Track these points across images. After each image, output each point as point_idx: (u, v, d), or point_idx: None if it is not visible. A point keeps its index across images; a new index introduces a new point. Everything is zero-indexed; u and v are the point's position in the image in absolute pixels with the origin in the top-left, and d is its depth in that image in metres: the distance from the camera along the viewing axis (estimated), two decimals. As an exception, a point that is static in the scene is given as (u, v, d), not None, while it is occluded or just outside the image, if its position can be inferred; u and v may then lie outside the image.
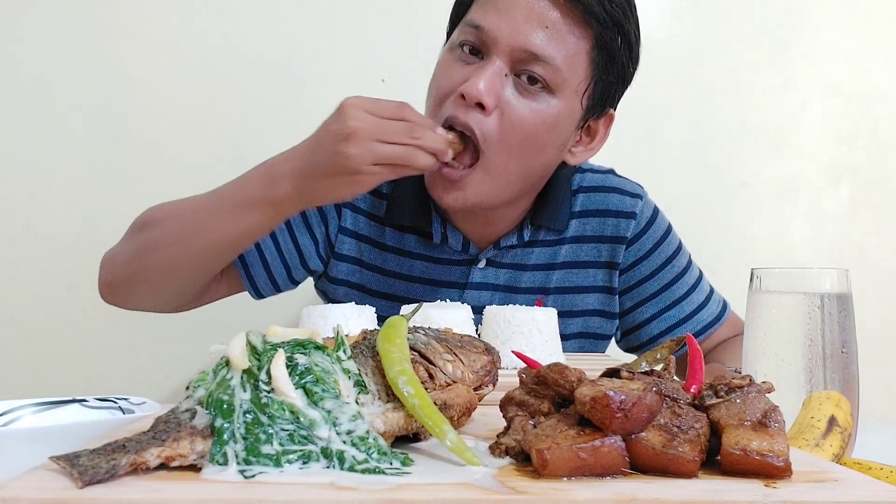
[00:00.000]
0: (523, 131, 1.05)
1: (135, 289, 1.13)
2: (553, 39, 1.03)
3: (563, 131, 1.10)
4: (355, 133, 0.95)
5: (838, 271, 0.78)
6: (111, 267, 1.15)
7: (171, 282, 1.11)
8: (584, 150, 1.16)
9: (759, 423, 0.48)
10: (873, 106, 1.89)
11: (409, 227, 1.21)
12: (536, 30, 1.03)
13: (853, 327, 0.78)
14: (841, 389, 0.75)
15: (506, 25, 1.03)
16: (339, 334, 0.55)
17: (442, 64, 1.10)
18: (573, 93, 1.07)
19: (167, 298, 1.15)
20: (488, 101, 1.02)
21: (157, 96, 1.77)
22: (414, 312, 0.66)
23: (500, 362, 0.66)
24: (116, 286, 1.15)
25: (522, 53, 1.03)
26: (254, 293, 1.21)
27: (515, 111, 1.04)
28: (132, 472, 0.44)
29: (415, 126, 0.98)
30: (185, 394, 0.52)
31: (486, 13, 1.05)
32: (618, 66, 1.09)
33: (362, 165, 0.96)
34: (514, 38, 1.03)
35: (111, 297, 1.17)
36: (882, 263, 1.88)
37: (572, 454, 0.44)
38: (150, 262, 1.09)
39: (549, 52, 1.03)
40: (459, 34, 1.08)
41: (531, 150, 1.08)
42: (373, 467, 0.46)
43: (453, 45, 1.09)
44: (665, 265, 1.26)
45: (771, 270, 0.79)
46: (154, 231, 1.10)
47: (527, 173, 1.11)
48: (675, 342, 0.64)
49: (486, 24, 1.04)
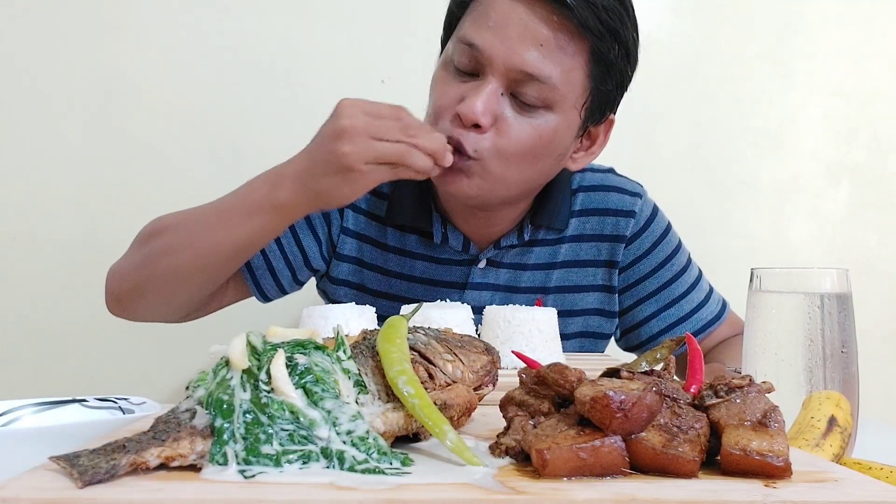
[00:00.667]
0: (521, 147, 1.05)
1: (143, 299, 1.13)
2: (548, 58, 1.02)
3: (561, 143, 1.09)
4: (349, 130, 0.95)
5: (838, 271, 0.78)
6: (118, 280, 1.15)
7: (179, 290, 1.11)
8: (584, 156, 1.16)
9: (759, 423, 0.48)
10: (873, 106, 1.89)
11: (409, 227, 1.22)
12: (531, 49, 1.01)
13: (853, 327, 0.78)
14: (841, 389, 0.75)
15: (500, 44, 1.01)
16: (338, 334, 0.55)
17: (438, 79, 1.09)
18: (571, 107, 1.06)
19: (175, 308, 1.15)
20: (484, 121, 1.02)
21: (157, 97, 1.77)
22: (414, 312, 0.66)
23: (499, 362, 0.66)
24: (124, 298, 1.15)
25: (518, 74, 1.02)
26: (260, 297, 1.22)
27: (512, 129, 1.04)
28: (132, 472, 0.44)
29: (409, 125, 0.98)
30: (185, 394, 0.52)
31: (479, 30, 1.04)
32: (616, 73, 1.07)
33: (357, 163, 0.96)
34: (510, 58, 1.01)
35: (119, 310, 1.17)
36: (882, 263, 1.88)
37: (572, 454, 0.44)
38: (157, 271, 1.09)
39: (546, 72, 1.02)
40: (454, 50, 1.06)
41: (528, 161, 1.07)
42: (373, 467, 0.46)
43: (447, 60, 1.08)
44: (664, 263, 1.27)
45: (771, 270, 0.79)
46: (161, 241, 1.10)
47: (525, 180, 1.11)
48: (675, 342, 0.64)
49: (480, 43, 1.02)
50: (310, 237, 1.21)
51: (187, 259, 1.07)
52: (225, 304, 1.21)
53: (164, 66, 1.77)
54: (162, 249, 1.09)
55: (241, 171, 1.14)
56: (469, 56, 1.04)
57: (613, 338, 1.33)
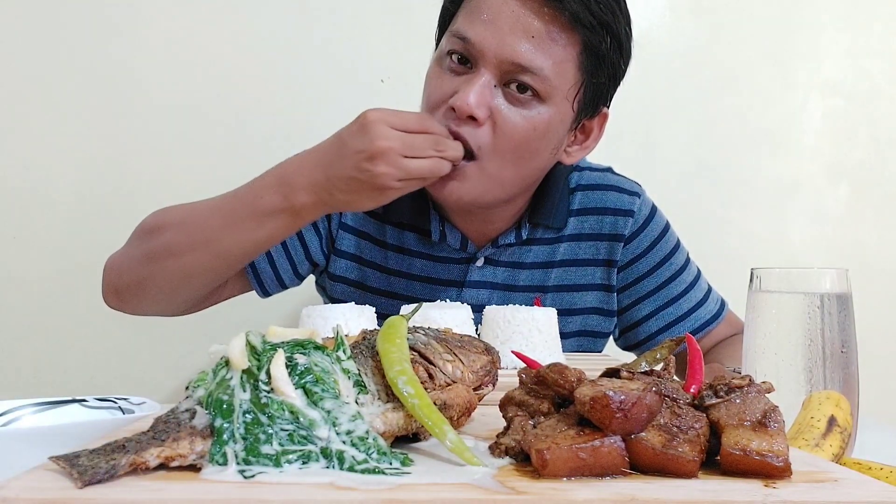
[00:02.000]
0: (516, 140, 1.05)
1: (144, 295, 1.13)
2: (540, 49, 1.02)
3: (555, 136, 1.10)
4: (384, 152, 0.95)
5: (838, 271, 0.78)
6: (117, 273, 1.14)
7: (183, 288, 1.11)
8: (579, 150, 1.17)
9: (758, 424, 0.48)
10: (873, 106, 1.89)
11: (407, 224, 1.22)
12: (523, 41, 1.02)
13: (853, 327, 0.78)
14: (841, 389, 0.75)
15: (492, 37, 1.02)
16: (338, 334, 0.55)
17: (431, 75, 1.10)
18: (563, 98, 1.07)
19: (176, 304, 1.15)
20: (479, 113, 1.02)
21: (157, 96, 1.77)
22: (414, 312, 0.66)
23: (500, 362, 0.66)
24: (124, 292, 1.15)
25: (510, 65, 1.02)
26: (260, 292, 1.22)
27: (507, 121, 1.04)
28: (132, 472, 0.44)
29: (438, 138, 1.00)
30: (185, 394, 0.52)
31: (471, 23, 1.04)
32: (608, 66, 1.08)
33: (391, 181, 0.97)
34: (502, 49, 1.02)
35: (117, 303, 1.17)
36: (882, 263, 1.88)
37: (572, 454, 0.44)
38: (162, 270, 1.09)
39: (537, 63, 1.02)
40: (447, 43, 1.07)
41: (525, 156, 1.08)
42: (372, 467, 0.46)
43: (441, 55, 1.08)
44: (662, 262, 1.27)
45: (771, 270, 0.79)
46: (164, 237, 1.09)
47: (521, 177, 1.11)
48: (675, 342, 0.64)
49: (473, 36, 1.03)
50: (311, 230, 1.22)
51: (194, 260, 1.07)
52: (224, 298, 1.21)
53: (164, 64, 1.77)
54: (166, 248, 1.09)
55: (240, 169, 1.14)
56: (462, 49, 1.05)
57: (612, 337, 1.33)
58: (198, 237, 1.07)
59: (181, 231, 1.08)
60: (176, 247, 1.08)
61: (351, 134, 0.99)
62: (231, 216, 1.05)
